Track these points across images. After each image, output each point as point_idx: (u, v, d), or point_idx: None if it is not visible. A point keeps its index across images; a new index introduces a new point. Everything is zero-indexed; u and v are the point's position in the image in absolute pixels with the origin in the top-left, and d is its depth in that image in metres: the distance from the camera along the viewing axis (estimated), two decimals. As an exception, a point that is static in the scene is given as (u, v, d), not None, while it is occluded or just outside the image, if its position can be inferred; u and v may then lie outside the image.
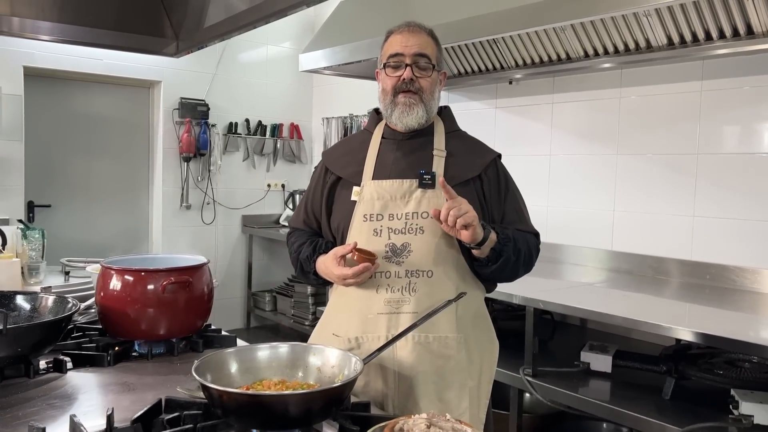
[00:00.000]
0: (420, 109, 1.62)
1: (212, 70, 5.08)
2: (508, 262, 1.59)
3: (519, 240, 1.61)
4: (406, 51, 1.61)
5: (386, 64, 1.64)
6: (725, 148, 2.84)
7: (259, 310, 5.33)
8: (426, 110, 1.63)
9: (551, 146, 3.55)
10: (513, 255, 1.59)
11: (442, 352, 1.57)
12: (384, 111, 1.68)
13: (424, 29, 1.66)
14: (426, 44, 1.64)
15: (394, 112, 1.64)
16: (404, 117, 1.63)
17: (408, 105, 1.62)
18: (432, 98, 1.65)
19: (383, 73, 1.66)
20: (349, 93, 5.07)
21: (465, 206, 1.48)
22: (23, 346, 1.43)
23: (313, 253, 1.69)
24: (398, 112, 1.63)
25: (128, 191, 5.02)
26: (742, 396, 2.03)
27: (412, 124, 1.63)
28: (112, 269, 1.67)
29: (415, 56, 1.61)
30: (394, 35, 1.66)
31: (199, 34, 2.60)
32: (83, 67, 4.51)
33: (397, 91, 1.62)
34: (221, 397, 1.12)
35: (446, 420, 1.09)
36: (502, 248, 1.56)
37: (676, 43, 2.64)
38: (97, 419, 1.21)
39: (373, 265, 1.53)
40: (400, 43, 1.62)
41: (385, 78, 1.66)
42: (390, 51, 1.64)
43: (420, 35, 1.64)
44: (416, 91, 1.61)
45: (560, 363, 2.59)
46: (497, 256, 1.56)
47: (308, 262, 1.69)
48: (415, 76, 1.61)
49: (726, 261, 2.81)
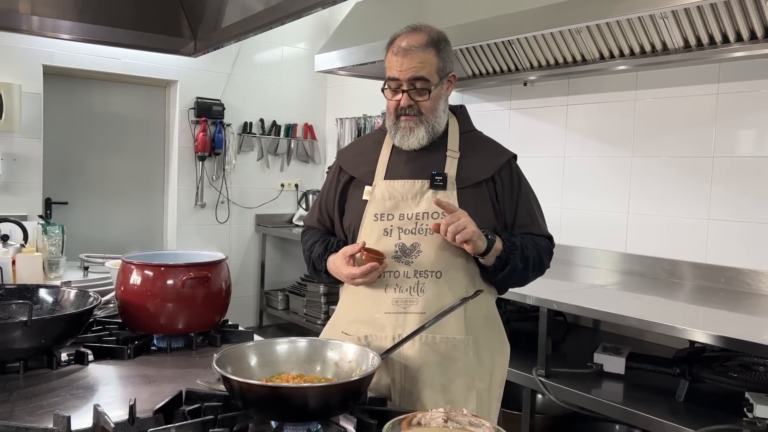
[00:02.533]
0: (421, 131, 1.61)
1: (228, 70, 5.12)
2: (515, 270, 1.58)
3: (527, 246, 1.60)
4: (401, 76, 1.57)
5: (384, 88, 1.63)
6: (741, 152, 2.83)
7: (271, 308, 5.36)
8: (428, 130, 1.62)
9: (565, 148, 3.55)
10: (520, 262, 1.58)
11: (448, 354, 1.57)
12: (389, 130, 1.68)
13: (422, 43, 1.57)
14: (423, 63, 1.57)
15: (396, 134, 1.64)
16: (405, 141, 1.63)
17: (408, 129, 1.61)
18: (435, 115, 1.62)
19: (387, 91, 1.64)
20: (363, 94, 5.10)
21: (463, 221, 1.48)
22: (46, 337, 1.46)
23: (324, 251, 1.70)
24: (399, 136, 1.63)
25: (144, 189, 5.07)
26: (757, 399, 2.02)
27: (412, 146, 1.63)
28: (132, 264, 1.70)
29: (410, 81, 1.57)
30: (392, 55, 1.60)
31: (217, 34, 2.63)
32: (102, 66, 4.57)
33: (399, 114, 1.62)
34: (242, 389, 1.13)
35: (463, 414, 1.10)
36: (507, 256, 1.56)
37: (692, 46, 2.63)
38: (119, 409, 1.24)
39: (382, 265, 1.54)
40: (395, 66, 1.58)
41: (387, 96, 1.64)
42: (388, 73, 1.62)
43: (416, 54, 1.56)
44: (417, 113, 1.60)
45: (573, 364, 2.59)
46: (503, 264, 1.57)
47: (320, 260, 1.71)
48: (413, 100, 1.59)
49: (741, 264, 2.80)
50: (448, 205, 1.51)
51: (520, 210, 1.67)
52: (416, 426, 1.08)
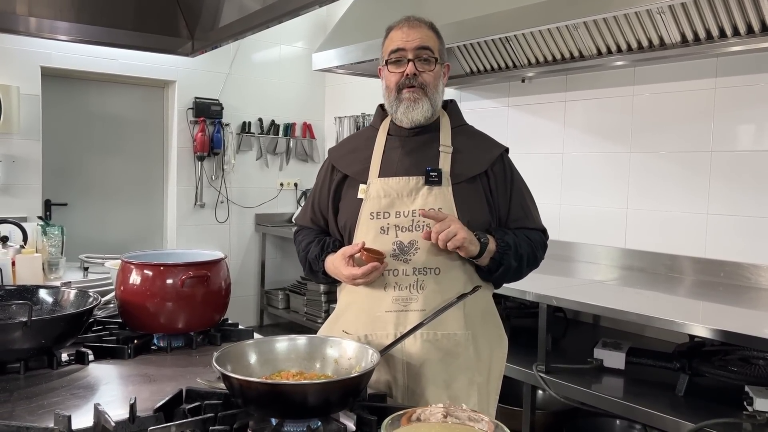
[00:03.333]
0: (425, 103, 1.61)
1: (226, 69, 5.12)
2: (509, 270, 1.60)
3: (521, 244, 1.61)
4: (407, 45, 1.59)
5: (388, 61, 1.63)
6: (739, 146, 2.83)
7: (272, 308, 5.36)
8: (431, 104, 1.62)
9: (564, 144, 3.55)
10: (514, 261, 1.59)
11: (450, 349, 1.58)
12: (389, 108, 1.67)
13: (424, 22, 1.64)
14: (427, 37, 1.61)
15: (399, 108, 1.62)
16: (409, 112, 1.61)
17: (413, 100, 1.60)
18: (436, 92, 1.63)
19: (386, 70, 1.65)
20: (361, 92, 5.10)
21: (453, 227, 1.49)
22: (47, 337, 1.46)
23: (321, 252, 1.69)
24: (403, 107, 1.61)
25: (143, 190, 5.07)
26: (757, 392, 2.03)
27: (418, 118, 1.62)
28: (131, 264, 1.71)
29: (417, 50, 1.59)
30: (394, 31, 1.64)
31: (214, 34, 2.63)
32: (99, 67, 4.57)
33: (401, 87, 1.61)
34: (242, 387, 1.14)
35: (462, 410, 1.11)
36: (501, 257, 1.57)
37: (689, 41, 2.64)
38: (119, 408, 1.24)
39: (382, 264, 1.54)
40: (400, 38, 1.60)
41: (388, 75, 1.64)
42: (391, 47, 1.62)
43: (420, 28, 1.62)
44: (420, 86, 1.60)
45: (573, 360, 2.60)
46: (497, 265, 1.58)
47: (317, 261, 1.69)
48: (418, 70, 1.59)
49: (740, 258, 2.80)
50: (435, 214, 1.52)
51: (514, 203, 1.67)
52: (416, 422, 1.09)
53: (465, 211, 1.59)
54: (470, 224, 1.57)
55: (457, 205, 1.58)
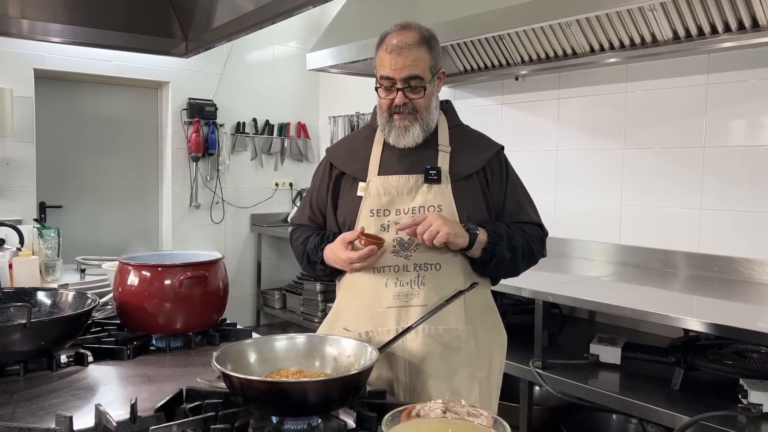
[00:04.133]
0: (416, 129, 1.61)
1: (219, 70, 5.12)
2: (502, 261, 1.60)
3: (514, 236, 1.61)
4: (395, 75, 1.57)
5: (377, 87, 1.63)
6: (732, 141, 2.85)
7: (268, 308, 5.37)
8: (423, 127, 1.62)
9: (558, 141, 3.57)
10: (507, 252, 1.59)
11: (451, 344, 1.60)
12: (381, 129, 1.67)
13: (415, 41, 1.58)
14: (417, 62, 1.57)
15: (390, 133, 1.64)
16: (401, 139, 1.63)
17: (403, 128, 1.61)
18: (429, 112, 1.63)
19: (379, 90, 1.64)
20: (355, 91, 5.10)
21: (435, 225, 1.50)
22: (46, 339, 1.47)
23: (321, 242, 1.70)
24: (394, 134, 1.63)
25: (138, 191, 5.07)
26: (751, 385, 2.04)
27: (408, 144, 1.63)
28: (129, 265, 1.71)
29: (405, 80, 1.57)
30: (384, 53, 1.59)
31: (208, 35, 2.64)
32: (93, 69, 4.55)
33: (392, 112, 1.61)
34: (242, 386, 1.15)
35: (462, 405, 1.12)
36: (494, 248, 1.58)
37: (681, 37, 2.65)
38: (120, 409, 1.25)
39: (380, 249, 1.54)
40: (389, 65, 1.58)
41: (378, 97, 1.64)
42: (381, 71, 1.61)
43: (410, 52, 1.56)
44: (411, 111, 1.60)
45: (569, 355, 2.61)
46: (490, 256, 1.58)
47: (315, 251, 1.70)
48: (407, 98, 1.59)
49: (733, 253, 2.82)
50: (411, 222, 1.53)
51: (508, 198, 1.69)
52: (415, 417, 1.10)
53: (464, 208, 1.61)
54: (468, 220, 1.60)
55: (456, 202, 1.61)
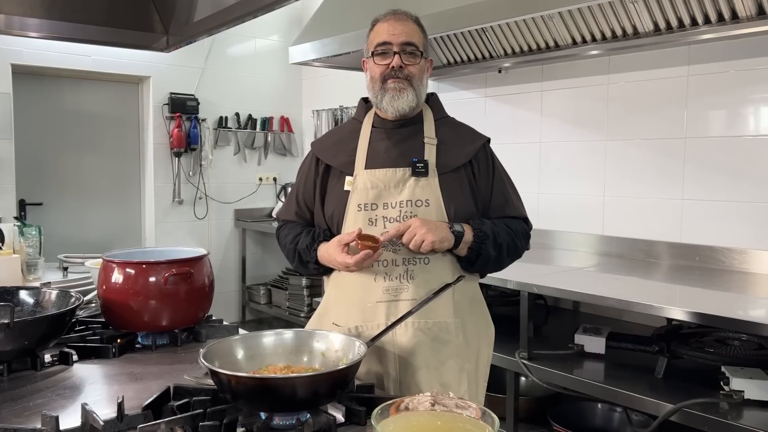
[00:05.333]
0: (410, 93, 1.62)
1: (201, 64, 5.07)
2: (488, 259, 1.62)
3: (500, 233, 1.63)
4: (393, 39, 1.62)
5: (374, 53, 1.65)
6: (712, 132, 2.88)
7: (254, 303, 5.35)
8: (416, 95, 1.64)
9: (541, 134, 3.58)
10: (493, 251, 1.61)
11: (441, 337, 1.61)
12: (374, 98, 1.68)
13: (410, 17, 1.67)
14: (413, 32, 1.64)
15: (384, 97, 1.64)
16: (395, 101, 1.63)
17: (398, 90, 1.62)
18: (421, 84, 1.66)
19: (371, 62, 1.67)
20: (338, 84, 5.09)
21: (420, 234, 1.52)
22: (30, 339, 1.45)
23: (313, 241, 1.69)
24: (389, 97, 1.63)
25: (120, 187, 5.01)
26: (733, 372, 2.08)
27: (403, 107, 1.63)
28: (113, 263, 1.69)
29: (402, 44, 1.62)
30: (381, 23, 1.66)
31: (189, 29, 2.61)
32: (72, 64, 4.49)
33: (386, 78, 1.63)
34: (230, 382, 1.14)
35: (450, 398, 1.12)
36: (479, 247, 1.60)
37: (662, 29, 2.67)
38: (107, 408, 1.24)
39: (376, 252, 1.55)
40: (387, 31, 1.63)
41: (373, 66, 1.66)
42: (377, 39, 1.64)
43: (406, 23, 1.65)
44: (405, 77, 1.62)
45: (555, 346, 2.63)
46: (476, 255, 1.60)
47: (308, 251, 1.69)
48: (403, 63, 1.62)
49: (714, 242, 2.86)
50: (395, 231, 1.55)
51: (495, 191, 1.71)
52: (404, 411, 1.10)
53: (451, 201, 1.62)
54: (456, 213, 1.60)
55: (443, 195, 1.61)
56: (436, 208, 1.60)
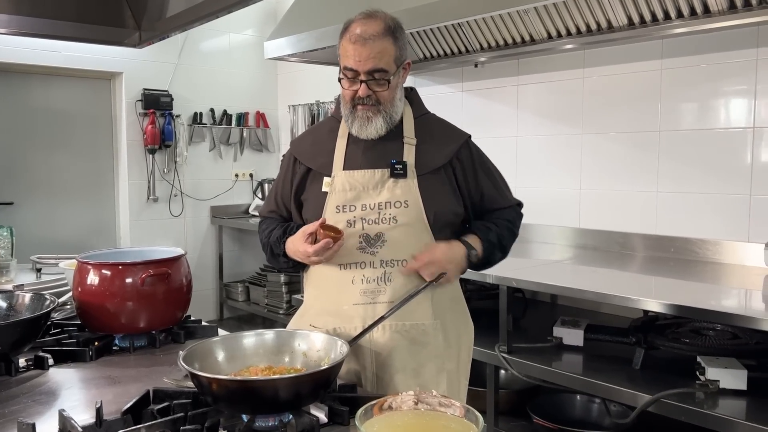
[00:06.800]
0: (379, 121, 1.58)
1: (174, 60, 5.00)
2: (495, 261, 1.71)
3: (503, 235, 1.69)
4: (359, 67, 1.53)
5: (341, 77, 1.59)
6: (685, 125, 2.92)
7: (231, 300, 5.31)
8: (386, 119, 1.59)
9: (517, 128, 3.60)
10: (500, 253, 1.69)
11: (418, 339, 1.60)
12: (345, 119, 1.64)
13: (379, 31, 1.53)
14: (381, 53, 1.53)
15: (353, 124, 1.60)
16: (363, 130, 1.59)
17: (366, 118, 1.58)
18: (393, 105, 1.60)
19: (341, 82, 1.60)
20: (314, 79, 5.05)
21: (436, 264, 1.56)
22: (3, 344, 1.42)
23: (283, 234, 1.67)
24: (357, 125, 1.59)
25: (93, 186, 4.93)
26: (708, 362, 2.12)
27: (371, 134, 1.60)
28: (89, 264, 1.66)
29: (369, 72, 1.53)
30: (348, 42, 1.54)
31: (161, 24, 2.56)
32: (41, 60, 4.39)
33: (356, 103, 1.58)
34: (211, 385, 1.13)
35: (433, 396, 1.12)
36: (488, 257, 1.66)
37: (636, 23, 2.70)
38: (85, 413, 1.22)
39: (337, 243, 1.51)
40: (353, 56, 1.53)
41: (342, 87, 1.61)
42: (344, 62, 1.56)
43: (374, 44, 1.52)
44: (374, 103, 1.57)
45: (534, 339, 2.66)
46: (484, 263, 1.68)
47: (278, 243, 1.67)
48: (372, 90, 1.56)
49: (689, 234, 2.91)
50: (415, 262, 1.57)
51: (486, 187, 1.72)
52: (387, 410, 1.10)
53: (430, 202, 1.60)
54: (435, 216, 1.59)
55: (423, 196, 1.59)
56: (415, 210, 1.59)
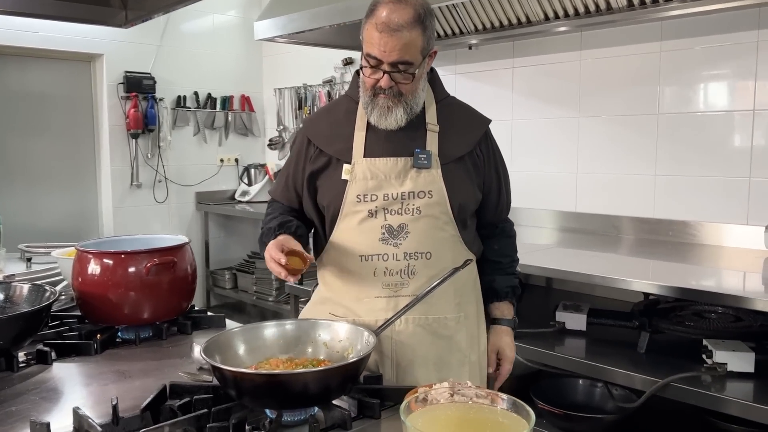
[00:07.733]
0: (399, 111, 1.51)
1: (157, 41, 4.86)
2: None
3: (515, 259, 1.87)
4: (384, 57, 1.44)
5: (364, 64, 1.51)
6: (683, 108, 2.91)
7: (218, 288, 5.22)
8: (407, 111, 1.52)
9: (513, 111, 3.56)
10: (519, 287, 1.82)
11: (441, 333, 1.56)
12: (364, 106, 1.56)
13: (409, 19, 1.43)
14: (409, 45, 1.44)
15: (372, 112, 1.53)
16: (382, 120, 1.52)
17: (386, 108, 1.50)
18: (415, 96, 1.53)
19: (363, 69, 1.52)
20: (301, 62, 4.95)
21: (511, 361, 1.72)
22: (4, 338, 1.35)
23: (278, 227, 1.58)
24: (376, 114, 1.52)
25: (74, 172, 4.78)
26: (715, 345, 2.11)
27: (390, 125, 1.53)
28: (89, 253, 1.59)
29: (394, 64, 1.45)
30: (373, 28, 1.44)
31: (149, 4, 2.49)
32: (17, 41, 4.21)
33: (377, 92, 1.51)
34: (236, 379, 1.08)
35: (468, 387, 1.08)
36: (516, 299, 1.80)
37: (635, 4, 2.66)
38: (96, 410, 1.16)
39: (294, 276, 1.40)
40: (378, 45, 1.44)
41: (364, 75, 1.53)
42: (368, 50, 1.47)
43: (401, 35, 1.42)
44: (396, 94, 1.50)
45: (535, 324, 2.64)
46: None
47: (270, 234, 1.58)
48: (394, 82, 1.48)
49: (687, 217, 2.91)
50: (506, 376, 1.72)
51: (493, 192, 1.70)
52: (422, 402, 1.06)
53: (455, 193, 1.55)
54: (461, 206, 1.55)
55: (447, 187, 1.54)
56: (440, 201, 1.53)
